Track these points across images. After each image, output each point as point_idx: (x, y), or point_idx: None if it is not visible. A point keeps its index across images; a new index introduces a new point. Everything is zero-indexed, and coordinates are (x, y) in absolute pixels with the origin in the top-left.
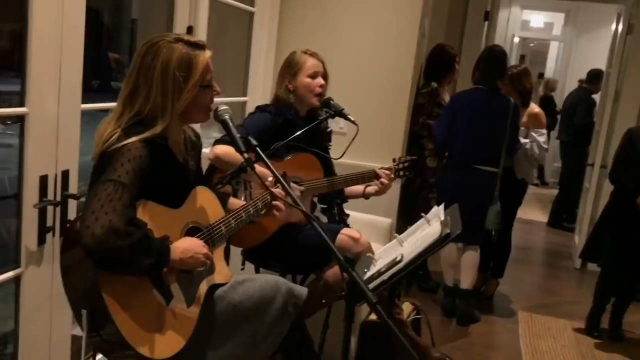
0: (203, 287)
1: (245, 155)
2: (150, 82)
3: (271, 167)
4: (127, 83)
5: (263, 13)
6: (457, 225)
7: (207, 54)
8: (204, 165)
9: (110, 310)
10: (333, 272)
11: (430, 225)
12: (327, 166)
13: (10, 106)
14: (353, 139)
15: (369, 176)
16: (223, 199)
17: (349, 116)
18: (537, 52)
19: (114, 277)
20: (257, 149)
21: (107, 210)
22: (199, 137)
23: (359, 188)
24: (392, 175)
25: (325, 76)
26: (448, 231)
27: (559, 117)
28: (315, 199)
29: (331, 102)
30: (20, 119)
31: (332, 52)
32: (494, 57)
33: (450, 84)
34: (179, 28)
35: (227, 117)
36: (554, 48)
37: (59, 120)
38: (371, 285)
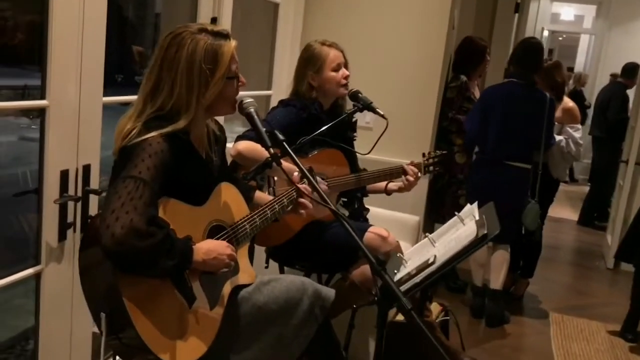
0: (227, 288)
1: (272, 150)
2: (174, 76)
3: (299, 162)
4: (149, 77)
5: (288, 4)
6: (494, 225)
7: (233, 43)
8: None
9: (131, 314)
10: (360, 272)
11: (465, 225)
12: (352, 160)
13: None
14: (382, 134)
15: (397, 172)
16: (248, 193)
17: (377, 109)
18: (565, 46)
19: (135, 279)
20: (284, 143)
21: (128, 209)
22: (223, 130)
23: (381, 183)
24: (421, 172)
25: (347, 65)
26: (485, 232)
27: (588, 112)
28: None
29: (359, 95)
30: (41, 113)
31: (358, 44)
32: (531, 49)
33: (480, 77)
34: (203, 20)
35: (252, 110)
36: (584, 41)
37: (80, 114)
38: (402, 288)
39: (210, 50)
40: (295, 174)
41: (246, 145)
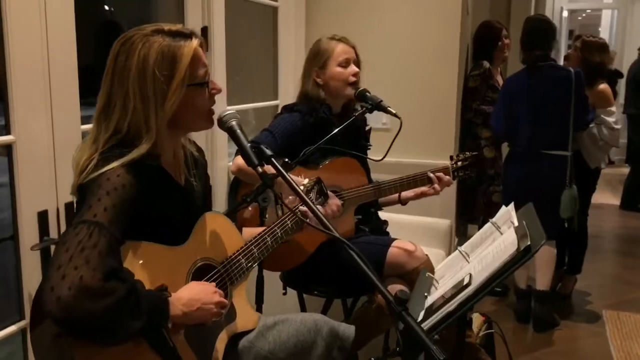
0: (222, 340)
1: (259, 169)
2: (126, 88)
3: (291, 181)
4: (101, 95)
5: (287, 6)
6: (537, 233)
7: (195, 42)
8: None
9: None
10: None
11: (503, 234)
12: (367, 171)
13: None
14: (397, 135)
15: (422, 180)
16: None
17: (389, 108)
18: (586, 24)
19: (96, 348)
20: (273, 159)
21: (77, 264)
22: (201, 151)
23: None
24: (449, 178)
25: (358, 63)
26: (528, 243)
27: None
28: None
29: (367, 94)
30: (7, 149)
31: (367, 39)
32: (532, 30)
33: (503, 63)
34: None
35: (234, 123)
36: (606, 18)
37: (54, 146)
38: (434, 319)
39: (166, 53)
40: (301, 188)
41: None
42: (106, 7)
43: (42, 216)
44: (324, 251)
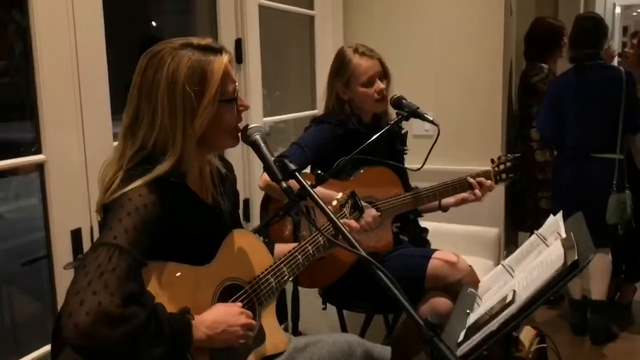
0: None
1: (284, 184)
2: (154, 104)
3: (315, 197)
4: (127, 110)
5: (325, 15)
6: (587, 245)
7: (225, 58)
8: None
9: None
10: (429, 307)
11: (549, 247)
12: (403, 178)
13: None
14: (435, 142)
15: (462, 186)
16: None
17: (426, 115)
18: None
19: None
20: (296, 173)
21: (95, 289)
22: (230, 167)
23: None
24: (491, 182)
25: (384, 75)
26: (575, 257)
27: None
28: None
29: (403, 101)
30: (38, 168)
31: (407, 44)
32: (582, 28)
33: (557, 62)
34: (225, 42)
35: (258, 136)
36: None
37: (87, 164)
38: (475, 339)
39: (196, 68)
40: (334, 202)
41: None
42: (153, 23)
43: (76, 234)
44: (361, 266)
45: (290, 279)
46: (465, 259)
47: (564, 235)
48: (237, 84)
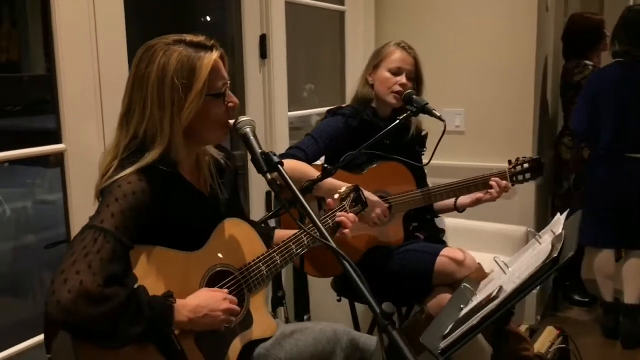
0: (236, 347)
1: (269, 175)
2: (145, 94)
3: (295, 190)
4: (123, 99)
5: (355, 11)
6: (571, 243)
7: (215, 54)
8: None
9: None
10: (436, 302)
11: (541, 244)
12: (419, 177)
13: None
14: (441, 138)
15: (477, 184)
16: (267, 233)
17: (434, 111)
18: None
19: (99, 351)
20: (279, 167)
21: (79, 269)
22: (231, 157)
23: (449, 200)
24: (506, 182)
25: (414, 76)
26: (555, 254)
27: None
28: None
29: (414, 97)
30: (59, 160)
31: (438, 41)
32: (630, 21)
33: (600, 57)
34: (249, 37)
35: (248, 129)
36: None
37: None
38: (457, 333)
39: (185, 62)
40: (336, 196)
41: (288, 165)
42: (208, 18)
43: None
44: (371, 258)
45: (283, 267)
46: (490, 257)
47: (558, 232)
48: (227, 80)
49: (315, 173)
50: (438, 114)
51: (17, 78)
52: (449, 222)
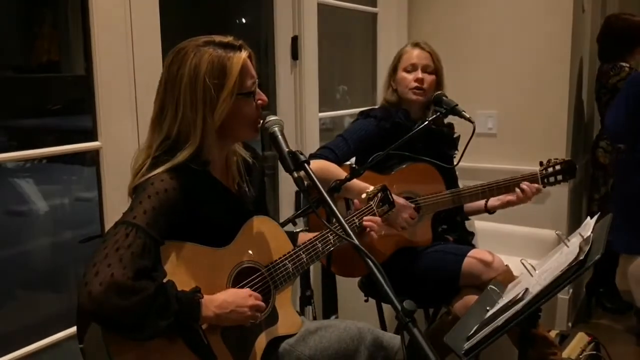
0: (261, 342)
1: (295, 174)
2: (177, 95)
3: (320, 189)
4: (155, 102)
5: (388, 12)
6: (599, 244)
7: (244, 54)
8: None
9: None
10: (463, 304)
11: (570, 246)
12: (449, 179)
13: None
14: (470, 140)
15: (507, 187)
16: (290, 236)
17: (463, 112)
18: None
19: (128, 343)
20: (305, 165)
21: (110, 262)
22: (258, 157)
23: (480, 201)
24: (538, 185)
25: (432, 70)
26: (582, 257)
27: None
28: None
29: (444, 98)
30: (94, 158)
31: (472, 42)
32: None
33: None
34: (281, 39)
35: (276, 129)
36: None
37: None
38: (481, 334)
39: (216, 63)
40: (363, 196)
41: (318, 166)
42: (244, 20)
43: None
44: (399, 258)
45: (309, 265)
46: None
47: (586, 235)
48: (256, 79)
49: (343, 174)
50: (467, 116)
51: (58, 78)
52: (480, 224)
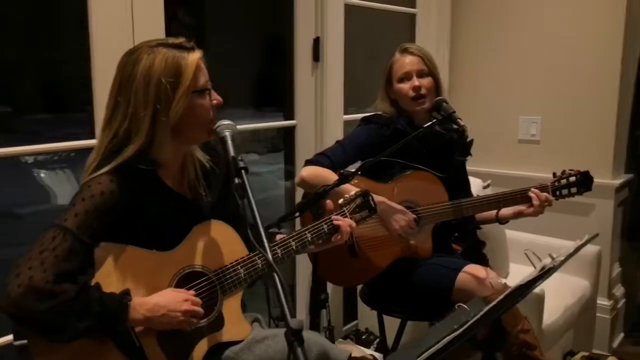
0: (202, 348)
1: (237, 180)
2: (128, 95)
3: (251, 198)
4: (107, 104)
5: (427, 13)
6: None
7: (197, 54)
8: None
9: None
10: None
11: (536, 268)
12: (458, 186)
13: None
14: (465, 148)
15: (515, 198)
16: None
17: (458, 119)
18: None
19: (53, 344)
20: (242, 172)
21: (32, 265)
22: (219, 163)
23: (492, 211)
24: (547, 195)
25: (426, 73)
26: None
27: None
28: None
29: (444, 104)
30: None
31: (517, 45)
32: None
33: None
34: (301, 40)
35: (227, 133)
36: None
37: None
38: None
39: (170, 62)
40: (341, 200)
41: (310, 172)
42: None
43: None
44: (396, 268)
45: (264, 272)
46: (559, 277)
47: (557, 258)
48: (208, 79)
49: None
50: (462, 123)
51: None
52: (513, 235)
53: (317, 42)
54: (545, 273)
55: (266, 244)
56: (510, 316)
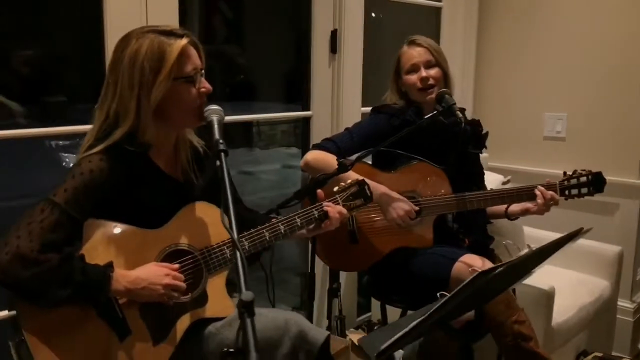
0: (184, 322)
1: (217, 162)
2: (116, 77)
3: (225, 180)
4: (103, 85)
5: (454, 7)
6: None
7: (183, 41)
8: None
9: (32, 349)
10: None
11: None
12: (468, 179)
13: None
14: (460, 141)
15: (518, 195)
16: (251, 222)
17: (457, 112)
18: None
19: (37, 310)
20: (221, 154)
21: (20, 234)
22: (211, 146)
23: (501, 206)
24: (552, 194)
25: (434, 64)
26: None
27: None
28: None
29: (446, 96)
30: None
31: (546, 41)
32: None
33: None
34: (319, 31)
35: (214, 117)
36: None
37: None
38: (395, 338)
39: (155, 48)
40: (336, 188)
41: (315, 156)
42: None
43: None
44: (395, 257)
45: (251, 253)
46: (577, 276)
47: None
48: (199, 66)
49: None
50: (460, 116)
51: None
52: (534, 232)
53: (334, 34)
54: (522, 264)
55: (234, 225)
56: (502, 306)
